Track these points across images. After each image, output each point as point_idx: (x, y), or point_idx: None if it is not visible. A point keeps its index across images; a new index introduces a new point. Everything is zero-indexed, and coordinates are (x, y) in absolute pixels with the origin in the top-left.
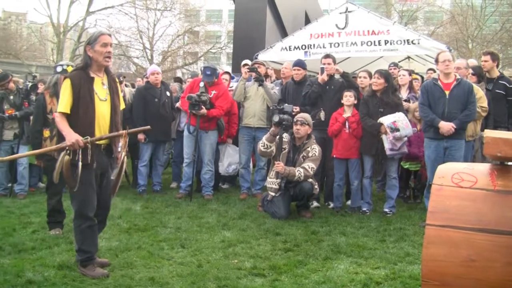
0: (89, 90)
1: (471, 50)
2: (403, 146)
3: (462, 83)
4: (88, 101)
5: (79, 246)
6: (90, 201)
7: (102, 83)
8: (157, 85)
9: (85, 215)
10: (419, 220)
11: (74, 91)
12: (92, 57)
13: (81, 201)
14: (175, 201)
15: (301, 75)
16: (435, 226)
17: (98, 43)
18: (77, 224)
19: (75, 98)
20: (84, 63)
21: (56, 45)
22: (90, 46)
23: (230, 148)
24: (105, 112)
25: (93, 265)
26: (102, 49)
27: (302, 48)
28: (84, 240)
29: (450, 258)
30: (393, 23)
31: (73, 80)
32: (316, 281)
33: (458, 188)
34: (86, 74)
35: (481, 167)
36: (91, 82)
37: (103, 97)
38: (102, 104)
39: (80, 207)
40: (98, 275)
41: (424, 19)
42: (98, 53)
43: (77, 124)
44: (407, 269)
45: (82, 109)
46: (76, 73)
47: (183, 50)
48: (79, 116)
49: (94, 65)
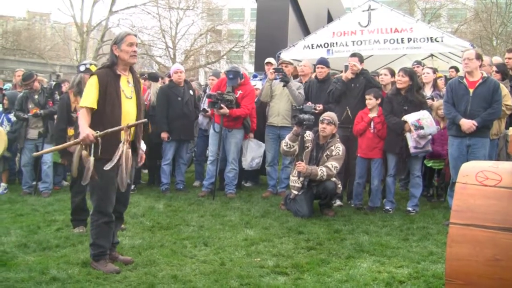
0: (116, 88)
1: (495, 48)
2: (427, 144)
3: (488, 81)
4: (115, 98)
5: (93, 240)
6: (109, 197)
7: (128, 81)
8: (180, 84)
9: (104, 211)
10: (443, 219)
11: (100, 88)
12: (118, 56)
13: (101, 197)
14: (198, 200)
15: (325, 73)
16: (459, 225)
17: (124, 43)
18: (94, 219)
19: (101, 95)
20: (110, 61)
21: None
22: (117, 46)
23: (253, 143)
24: (131, 110)
25: (105, 261)
26: (128, 48)
27: (324, 46)
28: (99, 235)
29: (475, 257)
30: (416, 21)
31: (100, 77)
32: (338, 279)
33: (483, 186)
34: (112, 72)
35: (506, 165)
36: (117, 79)
37: (129, 95)
38: (128, 101)
39: (99, 203)
40: (110, 271)
41: (448, 17)
42: (124, 52)
43: (104, 121)
44: (431, 268)
45: (108, 106)
46: (102, 70)
47: (205, 49)
48: (106, 114)
49: (121, 63)
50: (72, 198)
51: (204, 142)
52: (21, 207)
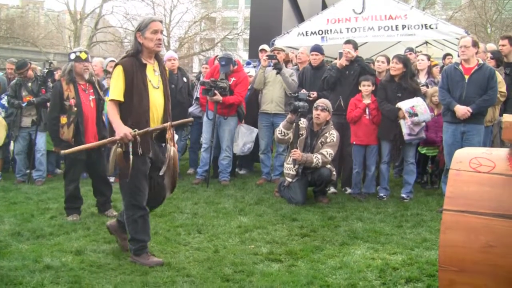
0: (143, 77)
1: (490, 35)
2: (421, 131)
3: (484, 68)
4: (142, 89)
5: (132, 236)
6: (142, 191)
7: (154, 70)
8: (173, 71)
9: (137, 204)
10: (437, 205)
11: (126, 78)
12: (142, 43)
13: (133, 191)
14: (192, 187)
15: (319, 60)
16: (453, 211)
17: (148, 30)
18: (129, 214)
19: (128, 86)
20: (135, 49)
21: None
22: (141, 33)
23: (244, 128)
24: (159, 100)
25: (147, 254)
26: (153, 36)
27: (319, 33)
28: (137, 229)
29: (468, 244)
30: (410, 8)
31: (125, 67)
32: (332, 266)
33: (476, 173)
34: (138, 61)
35: (500, 152)
36: (143, 68)
37: (156, 85)
38: (155, 91)
39: (132, 197)
40: (153, 264)
41: (442, 4)
42: (149, 40)
43: (131, 113)
44: (424, 254)
45: (136, 97)
46: (127, 59)
47: (199, 36)
48: (133, 105)
49: (145, 51)
50: (65, 186)
51: (198, 130)
52: (15, 195)
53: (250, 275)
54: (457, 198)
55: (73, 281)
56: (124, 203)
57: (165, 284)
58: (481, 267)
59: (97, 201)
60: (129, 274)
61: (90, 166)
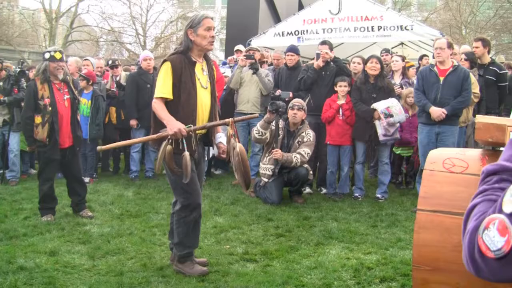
0: (191, 76)
1: (465, 37)
2: (396, 132)
3: (458, 69)
4: (190, 87)
5: (180, 239)
6: (196, 189)
7: (202, 69)
8: (149, 71)
9: (194, 204)
10: (411, 205)
11: (174, 76)
12: (194, 41)
13: (187, 190)
14: (168, 187)
15: (295, 60)
16: (427, 211)
17: (202, 27)
18: (183, 215)
19: (175, 84)
20: (185, 47)
21: (49, 31)
22: (193, 30)
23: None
24: (206, 100)
25: (192, 262)
26: (206, 33)
27: (295, 34)
28: (187, 233)
29: (442, 243)
30: (386, 9)
31: (173, 64)
32: (307, 266)
33: (450, 173)
34: (187, 58)
35: (473, 153)
36: (193, 67)
37: (204, 84)
38: (203, 91)
39: (187, 196)
40: (198, 273)
41: (418, 5)
42: (201, 37)
43: (178, 112)
44: (399, 254)
45: (183, 95)
46: (176, 56)
47: (176, 36)
48: (181, 104)
49: (196, 49)
50: (40, 186)
51: None
52: None
53: (225, 275)
54: (430, 198)
55: (47, 282)
56: (179, 203)
57: (140, 284)
58: (454, 266)
59: (72, 201)
60: (104, 274)
61: (64, 166)
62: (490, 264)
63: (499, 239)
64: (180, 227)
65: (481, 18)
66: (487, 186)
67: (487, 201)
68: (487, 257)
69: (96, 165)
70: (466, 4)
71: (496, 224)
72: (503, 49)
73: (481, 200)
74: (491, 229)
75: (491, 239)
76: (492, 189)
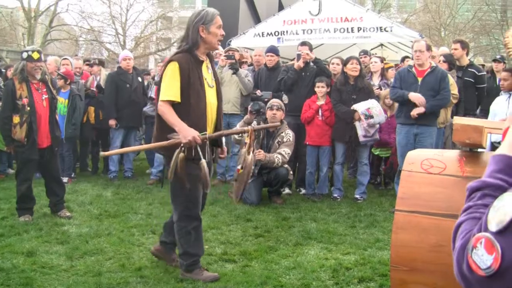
0: (199, 75)
1: (444, 38)
2: (375, 133)
3: (436, 70)
4: (199, 89)
5: (184, 250)
6: (198, 199)
7: (207, 67)
8: (128, 71)
9: (193, 215)
10: (390, 206)
11: (182, 77)
12: (205, 38)
13: (189, 199)
14: (146, 187)
15: (274, 61)
16: (405, 212)
17: (214, 24)
18: (182, 225)
19: (184, 85)
20: (192, 43)
21: (27, 30)
22: (205, 26)
23: None
24: (213, 100)
25: (200, 269)
26: (218, 31)
27: (275, 35)
28: (190, 242)
29: (419, 243)
30: (366, 10)
31: (181, 64)
32: (286, 266)
33: (428, 174)
34: (193, 57)
35: (450, 154)
36: (199, 65)
37: (211, 83)
38: (210, 91)
39: (188, 207)
40: (209, 279)
41: (398, 7)
42: (213, 35)
43: (188, 115)
44: (377, 254)
45: (193, 97)
46: (182, 55)
47: (156, 36)
48: (191, 106)
49: (203, 47)
50: (18, 186)
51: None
52: None
53: None
54: (408, 199)
55: (25, 283)
56: (177, 213)
57: (118, 285)
58: (432, 266)
59: (50, 202)
60: (82, 275)
61: (43, 166)
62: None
63: (488, 257)
64: (182, 237)
65: (460, 20)
66: (471, 203)
67: (472, 219)
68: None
69: (74, 165)
70: (445, 7)
71: (483, 243)
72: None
73: (466, 218)
74: (479, 248)
75: (480, 258)
76: (475, 206)
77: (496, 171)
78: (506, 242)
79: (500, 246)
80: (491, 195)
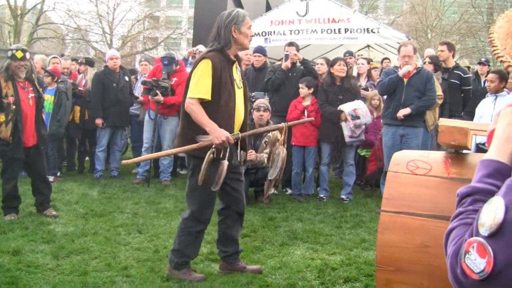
0: (230, 75)
1: (430, 40)
2: (361, 133)
3: (422, 72)
4: (230, 88)
5: (179, 247)
6: (212, 204)
7: (236, 68)
8: (115, 70)
9: (203, 219)
10: (376, 207)
11: (215, 75)
12: (237, 38)
13: (204, 202)
14: (133, 187)
15: (262, 61)
16: (390, 212)
17: (246, 25)
18: (188, 225)
19: (215, 84)
20: (224, 43)
21: (13, 28)
22: (237, 27)
23: None
24: (241, 102)
25: (189, 270)
26: (249, 32)
27: (262, 35)
28: (189, 244)
29: (405, 244)
30: (353, 12)
31: (214, 62)
32: (272, 266)
33: (413, 175)
34: (225, 57)
35: (436, 155)
36: (230, 66)
37: (239, 85)
38: (239, 92)
39: (200, 209)
40: (195, 280)
41: (385, 8)
42: (244, 36)
43: (218, 115)
44: (363, 255)
45: (224, 97)
46: (215, 54)
47: (143, 35)
48: (221, 106)
49: (234, 47)
50: (3, 185)
51: (138, 129)
52: None
53: None
54: (394, 200)
55: (10, 282)
56: (189, 212)
57: (104, 284)
58: (417, 266)
59: (36, 201)
60: (68, 274)
61: (29, 164)
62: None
63: (481, 261)
64: (183, 235)
65: (447, 22)
66: (462, 209)
67: (463, 225)
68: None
69: (60, 164)
70: (432, 8)
71: (475, 247)
72: (467, 53)
73: (458, 224)
74: (471, 252)
75: (473, 262)
76: (466, 211)
77: (485, 176)
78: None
79: (492, 249)
80: (482, 200)
